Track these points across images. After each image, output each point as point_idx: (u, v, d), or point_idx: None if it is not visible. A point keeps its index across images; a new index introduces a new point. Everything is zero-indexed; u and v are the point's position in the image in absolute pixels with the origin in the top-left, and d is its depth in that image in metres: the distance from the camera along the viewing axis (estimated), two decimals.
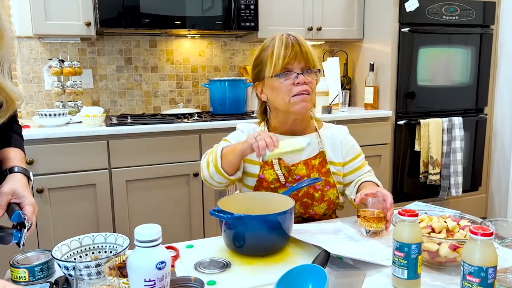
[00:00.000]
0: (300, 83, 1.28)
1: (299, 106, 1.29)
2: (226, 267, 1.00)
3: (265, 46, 1.33)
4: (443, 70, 2.92)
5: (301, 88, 1.28)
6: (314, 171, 1.34)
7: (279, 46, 1.28)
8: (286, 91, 1.28)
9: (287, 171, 1.33)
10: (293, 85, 1.28)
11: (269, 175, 1.33)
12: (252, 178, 1.35)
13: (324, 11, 2.88)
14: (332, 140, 1.41)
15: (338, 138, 1.42)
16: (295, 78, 1.28)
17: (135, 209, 2.29)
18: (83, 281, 0.77)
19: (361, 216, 1.18)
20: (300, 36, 1.32)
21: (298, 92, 1.28)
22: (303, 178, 1.33)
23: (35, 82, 2.62)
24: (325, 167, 1.36)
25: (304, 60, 1.28)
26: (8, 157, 1.10)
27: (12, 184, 1.02)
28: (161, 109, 2.91)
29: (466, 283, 0.79)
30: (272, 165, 1.33)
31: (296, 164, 1.34)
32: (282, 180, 1.33)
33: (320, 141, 1.39)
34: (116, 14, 2.33)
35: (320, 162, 1.36)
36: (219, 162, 1.26)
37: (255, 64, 1.36)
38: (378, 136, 2.81)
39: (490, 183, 3.26)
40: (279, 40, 1.29)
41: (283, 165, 1.33)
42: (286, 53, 1.26)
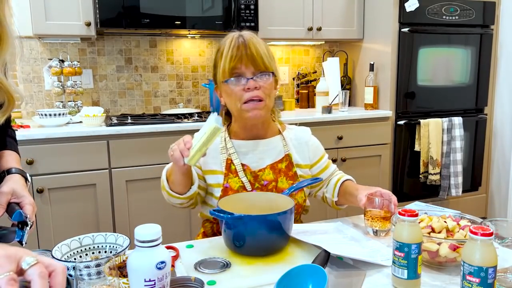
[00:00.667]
0: (251, 89, 1.20)
1: (250, 113, 1.22)
2: (226, 267, 1.00)
3: (218, 48, 1.26)
4: (443, 70, 2.92)
5: (252, 94, 1.20)
6: (281, 175, 1.29)
7: (228, 48, 1.21)
8: (237, 97, 1.22)
9: (254, 177, 1.28)
10: (244, 91, 1.21)
11: (234, 183, 1.26)
12: (217, 188, 1.28)
13: (324, 11, 2.88)
14: (297, 142, 1.36)
15: (302, 139, 1.37)
16: (244, 84, 1.20)
17: (135, 209, 2.29)
18: (83, 281, 0.77)
19: (368, 216, 1.18)
20: (251, 36, 1.23)
21: (248, 98, 1.21)
22: (270, 183, 1.28)
23: (35, 82, 2.62)
24: (291, 170, 1.31)
25: (253, 64, 1.20)
26: (4, 160, 1.13)
27: (11, 184, 1.04)
28: (161, 109, 2.91)
29: (466, 283, 0.79)
30: (236, 173, 1.27)
31: (263, 169, 1.28)
32: (248, 187, 1.26)
33: (285, 144, 1.33)
34: (116, 14, 2.33)
35: (286, 165, 1.31)
36: (167, 186, 1.20)
37: (212, 67, 1.30)
38: (378, 136, 2.81)
39: (490, 183, 3.26)
40: (228, 43, 1.21)
41: (249, 172, 1.27)
42: (231, 55, 1.20)
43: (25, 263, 0.59)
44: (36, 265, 0.59)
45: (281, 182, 1.29)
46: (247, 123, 1.28)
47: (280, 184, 1.29)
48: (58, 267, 0.61)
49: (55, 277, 0.61)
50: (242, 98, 1.22)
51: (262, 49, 1.23)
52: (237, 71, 1.21)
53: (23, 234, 0.97)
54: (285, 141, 1.34)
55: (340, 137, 2.68)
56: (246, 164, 1.29)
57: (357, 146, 2.75)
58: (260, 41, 1.25)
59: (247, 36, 1.23)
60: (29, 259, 0.59)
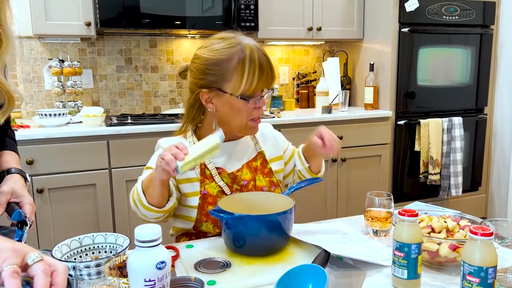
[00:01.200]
0: (261, 107, 1.20)
1: (253, 130, 1.23)
2: (226, 267, 1.00)
3: (229, 54, 1.15)
4: (443, 70, 2.92)
5: (260, 113, 1.21)
6: (257, 173, 1.28)
7: (252, 67, 1.14)
8: (247, 114, 1.18)
9: (232, 179, 1.24)
10: (254, 108, 1.18)
11: (212, 189, 1.21)
12: (194, 197, 1.21)
13: (324, 11, 2.88)
14: (264, 137, 1.36)
15: (269, 134, 1.38)
16: (257, 102, 1.18)
17: None
18: (83, 281, 0.77)
19: (368, 216, 1.18)
20: (264, 51, 1.18)
21: (257, 115, 1.20)
22: (249, 182, 1.26)
23: (35, 82, 2.62)
24: (266, 167, 1.31)
25: (270, 84, 1.19)
26: (4, 160, 1.13)
27: (11, 184, 1.05)
28: (161, 109, 2.91)
29: (466, 283, 0.79)
30: (212, 177, 1.22)
31: (241, 169, 1.26)
32: (226, 190, 1.22)
33: (256, 142, 1.33)
34: (116, 14, 2.33)
35: (261, 163, 1.31)
36: (144, 199, 1.10)
37: (208, 70, 1.17)
38: (378, 136, 2.81)
39: (490, 183, 3.26)
40: (251, 59, 1.14)
41: (225, 174, 1.24)
42: (260, 78, 1.15)
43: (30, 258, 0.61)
44: (41, 262, 0.61)
45: (258, 180, 1.28)
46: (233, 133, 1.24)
47: (258, 183, 1.28)
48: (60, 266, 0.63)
49: (57, 276, 0.62)
50: (251, 115, 1.19)
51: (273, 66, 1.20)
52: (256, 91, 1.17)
53: (23, 233, 0.97)
54: (255, 139, 1.33)
55: (340, 137, 2.68)
56: (220, 167, 1.25)
57: (357, 146, 2.76)
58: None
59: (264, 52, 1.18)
60: (35, 255, 0.61)
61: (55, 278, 0.62)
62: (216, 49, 1.17)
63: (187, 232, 1.29)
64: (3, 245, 0.61)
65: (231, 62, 1.15)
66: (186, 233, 1.29)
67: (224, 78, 1.16)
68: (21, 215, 0.98)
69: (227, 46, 1.16)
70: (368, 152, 2.80)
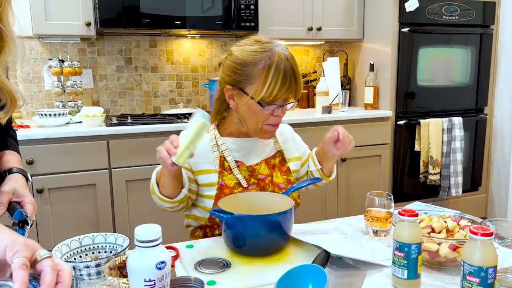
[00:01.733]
0: (278, 115, 1.21)
1: (267, 135, 1.25)
2: (226, 267, 1.00)
3: (256, 58, 1.17)
4: (443, 70, 2.92)
5: (277, 121, 1.22)
6: (275, 170, 1.31)
7: (276, 75, 1.15)
8: (263, 119, 1.21)
9: (250, 172, 1.27)
10: (271, 115, 1.20)
11: (230, 181, 1.25)
12: (211, 187, 1.25)
13: (324, 11, 2.88)
14: (285, 137, 1.39)
15: (289, 134, 1.42)
16: (276, 110, 1.20)
17: (135, 209, 2.29)
18: (83, 281, 0.77)
19: (368, 216, 1.18)
20: (295, 61, 1.19)
21: (273, 123, 1.22)
22: (266, 177, 1.28)
23: (35, 82, 2.62)
24: (284, 165, 1.34)
25: (293, 95, 1.20)
26: (5, 159, 1.14)
27: (12, 183, 1.05)
28: (161, 109, 2.91)
29: (466, 283, 0.79)
30: (230, 170, 1.25)
31: (260, 163, 1.29)
32: (243, 183, 1.25)
33: (276, 141, 1.35)
34: (116, 14, 2.33)
35: (279, 161, 1.33)
36: (157, 190, 1.19)
37: (236, 70, 1.19)
38: (378, 136, 2.81)
39: (490, 183, 3.26)
40: (277, 67, 1.15)
41: (244, 167, 1.27)
42: (282, 87, 1.15)
43: (39, 254, 0.64)
44: (50, 258, 0.64)
45: (276, 176, 1.30)
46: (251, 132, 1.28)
47: (275, 179, 1.29)
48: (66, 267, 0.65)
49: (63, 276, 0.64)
50: (266, 120, 1.21)
51: (301, 78, 1.21)
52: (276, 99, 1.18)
53: (24, 233, 0.98)
54: (276, 138, 1.36)
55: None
56: (239, 160, 1.28)
57: (357, 146, 2.74)
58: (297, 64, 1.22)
59: (293, 60, 1.18)
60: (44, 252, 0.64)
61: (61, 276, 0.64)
62: (247, 50, 1.19)
63: (201, 226, 1.31)
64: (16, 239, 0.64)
65: (257, 66, 1.16)
66: (201, 226, 1.32)
67: (247, 80, 1.18)
68: (22, 215, 0.99)
69: (258, 49, 1.18)
70: (368, 152, 2.80)
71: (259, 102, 1.18)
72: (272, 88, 1.15)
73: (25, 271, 0.60)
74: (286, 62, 1.16)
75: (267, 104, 1.18)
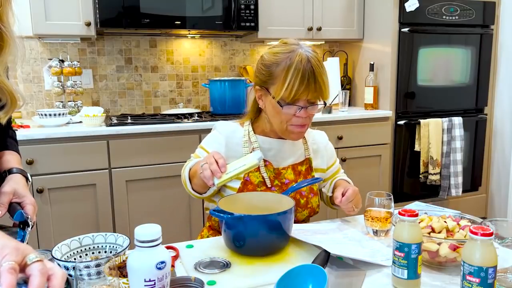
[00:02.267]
0: (302, 117, 1.21)
1: (293, 135, 1.26)
2: (226, 267, 1.00)
3: (278, 59, 1.20)
4: (443, 70, 2.92)
5: (300, 122, 1.22)
6: (301, 177, 1.32)
7: (295, 75, 1.16)
8: (286, 119, 1.22)
9: (276, 174, 1.29)
10: (294, 116, 1.21)
11: (255, 178, 1.27)
12: (236, 180, 1.27)
13: (324, 11, 2.88)
14: (316, 146, 1.39)
15: (321, 143, 1.41)
16: (298, 110, 1.20)
17: (135, 209, 2.29)
18: (83, 281, 0.77)
19: (368, 216, 1.18)
20: (318, 62, 1.18)
21: (297, 123, 1.22)
22: (291, 182, 1.29)
23: (35, 82, 2.62)
24: (310, 174, 1.35)
25: (314, 96, 1.20)
26: (5, 160, 1.13)
27: (12, 184, 1.05)
28: (161, 109, 2.91)
29: (466, 283, 0.79)
30: (258, 168, 1.27)
31: (286, 168, 1.30)
32: (268, 183, 1.27)
33: (307, 148, 1.36)
34: (116, 14, 2.33)
35: (306, 168, 1.34)
36: (189, 185, 1.25)
37: (261, 69, 1.24)
38: (378, 136, 2.81)
39: (490, 183, 3.26)
40: (296, 67, 1.16)
41: (271, 168, 1.29)
42: (299, 88, 1.16)
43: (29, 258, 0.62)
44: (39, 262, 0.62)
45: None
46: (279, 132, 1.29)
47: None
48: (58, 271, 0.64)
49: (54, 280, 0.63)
50: (290, 121, 1.22)
51: (326, 79, 1.20)
52: (296, 99, 1.19)
53: (24, 234, 0.98)
54: (307, 145, 1.36)
55: (340, 137, 2.68)
56: (268, 160, 1.29)
57: (357, 146, 2.75)
58: (324, 66, 1.21)
59: (315, 61, 1.18)
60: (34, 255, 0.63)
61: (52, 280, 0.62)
62: (273, 52, 1.23)
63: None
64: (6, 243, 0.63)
65: (278, 67, 1.19)
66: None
67: (271, 80, 1.22)
68: (23, 216, 0.98)
69: (283, 51, 1.21)
70: (368, 152, 2.80)
71: (279, 101, 1.19)
72: (290, 87, 1.17)
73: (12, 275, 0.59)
74: (307, 63, 1.17)
75: (287, 104, 1.19)
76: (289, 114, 1.21)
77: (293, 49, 1.20)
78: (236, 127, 1.33)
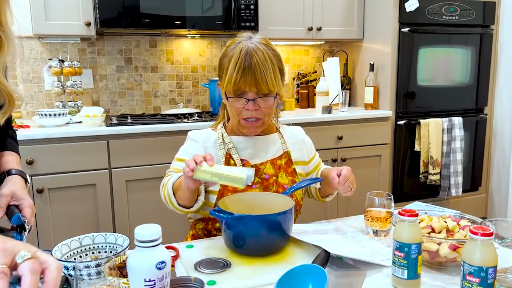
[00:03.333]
0: (250, 110, 1.21)
1: (247, 130, 1.26)
2: (226, 267, 1.00)
3: (227, 51, 1.22)
4: (443, 70, 2.92)
5: (250, 115, 1.21)
6: (281, 171, 1.30)
7: (233, 67, 1.17)
8: (236, 112, 1.23)
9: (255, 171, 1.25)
10: (243, 108, 1.21)
11: None
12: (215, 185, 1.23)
13: (324, 11, 2.88)
14: (295, 140, 1.38)
15: (299, 137, 1.40)
16: (244, 104, 1.20)
17: (135, 209, 2.29)
18: (83, 281, 0.77)
19: (368, 216, 1.18)
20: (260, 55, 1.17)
21: (247, 117, 1.22)
22: (271, 177, 1.28)
23: (35, 82, 2.62)
24: (290, 167, 1.33)
25: (257, 87, 1.18)
26: (5, 160, 1.13)
27: (11, 186, 1.04)
28: (161, 109, 2.91)
29: (466, 283, 0.79)
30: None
31: (264, 163, 1.29)
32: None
33: (283, 141, 1.35)
34: (116, 14, 2.33)
35: (286, 162, 1.32)
36: (175, 201, 1.18)
37: (218, 63, 1.27)
38: (378, 136, 2.81)
39: (490, 183, 3.26)
40: (235, 59, 1.17)
41: (249, 166, 1.27)
42: (237, 77, 1.17)
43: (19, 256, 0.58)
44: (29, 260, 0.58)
45: (281, 177, 1.29)
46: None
47: (280, 179, 1.29)
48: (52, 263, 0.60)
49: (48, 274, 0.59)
50: (240, 114, 1.23)
51: (269, 71, 1.18)
52: (241, 91, 1.20)
53: (21, 238, 0.97)
54: (283, 139, 1.35)
55: (340, 137, 2.68)
56: (245, 159, 1.28)
57: (357, 146, 2.75)
58: (269, 57, 1.20)
59: (255, 55, 1.17)
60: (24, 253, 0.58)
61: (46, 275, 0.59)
62: (226, 45, 1.26)
63: (204, 218, 1.30)
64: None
65: (225, 59, 1.22)
66: (203, 218, 1.31)
67: (221, 73, 1.25)
68: (20, 219, 0.97)
69: (232, 43, 1.24)
70: (368, 152, 2.80)
71: (225, 93, 1.22)
72: (230, 78, 1.18)
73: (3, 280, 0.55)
74: (245, 54, 1.17)
75: (232, 96, 1.21)
76: (237, 107, 1.22)
77: (240, 41, 1.21)
78: (209, 132, 1.33)
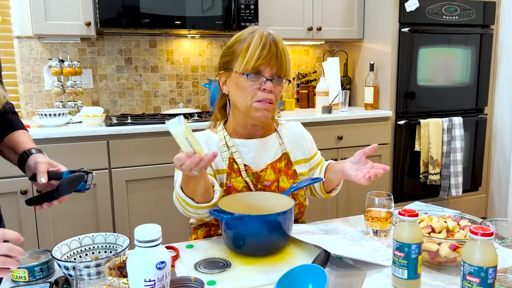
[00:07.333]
0: (267, 90, 1.20)
1: (259, 113, 1.22)
2: (226, 267, 1.00)
3: (241, 37, 1.24)
4: (443, 70, 2.92)
5: (266, 96, 1.20)
6: (281, 174, 1.29)
7: (256, 44, 1.19)
8: (250, 93, 1.21)
9: (256, 178, 1.26)
10: (259, 90, 1.20)
11: (238, 183, 1.24)
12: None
13: (324, 11, 2.88)
14: (294, 136, 1.36)
15: (299, 133, 1.39)
16: (263, 83, 1.20)
17: (135, 209, 2.29)
18: (83, 281, 0.77)
19: (368, 216, 1.18)
20: (280, 39, 1.24)
21: (262, 98, 1.20)
22: (273, 183, 1.27)
23: (35, 82, 2.62)
24: (291, 169, 1.31)
25: (277, 66, 1.20)
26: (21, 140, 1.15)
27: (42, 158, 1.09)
28: (161, 109, 2.91)
29: (466, 283, 0.79)
30: (239, 172, 1.25)
31: (265, 170, 1.27)
32: (252, 187, 1.25)
33: (281, 142, 1.33)
34: (116, 14, 2.33)
35: (285, 164, 1.31)
36: (190, 200, 1.10)
37: (225, 52, 1.27)
38: (378, 136, 2.81)
39: (490, 183, 3.26)
40: (258, 38, 1.20)
41: (250, 172, 1.26)
42: (261, 53, 1.18)
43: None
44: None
45: (282, 181, 1.28)
46: (248, 121, 1.26)
47: (281, 184, 1.28)
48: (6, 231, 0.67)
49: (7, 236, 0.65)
50: (255, 96, 1.21)
51: (287, 56, 1.24)
52: (260, 68, 1.20)
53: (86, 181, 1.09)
54: (281, 139, 1.34)
55: (340, 137, 2.68)
56: (247, 164, 1.27)
57: (357, 146, 2.75)
58: (286, 46, 1.25)
59: (277, 36, 1.24)
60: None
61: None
62: (237, 35, 1.27)
63: (207, 223, 1.29)
64: None
65: (241, 43, 1.23)
66: (206, 223, 1.29)
67: (234, 58, 1.24)
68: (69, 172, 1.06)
69: (246, 31, 1.26)
70: None
71: (243, 72, 1.20)
72: (252, 54, 1.19)
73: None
74: (269, 36, 1.22)
75: (252, 73, 1.20)
76: (253, 88, 1.20)
77: (256, 29, 1.25)
78: (209, 133, 1.31)
